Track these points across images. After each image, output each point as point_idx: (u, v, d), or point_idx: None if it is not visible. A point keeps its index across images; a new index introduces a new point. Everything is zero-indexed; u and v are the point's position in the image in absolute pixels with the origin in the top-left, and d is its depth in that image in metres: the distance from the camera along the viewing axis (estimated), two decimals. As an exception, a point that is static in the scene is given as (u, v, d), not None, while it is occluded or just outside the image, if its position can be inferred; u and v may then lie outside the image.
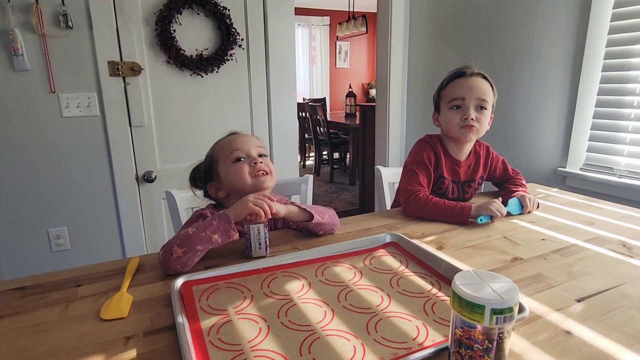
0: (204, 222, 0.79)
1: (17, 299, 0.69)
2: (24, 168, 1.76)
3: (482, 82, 1.14)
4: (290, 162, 2.31)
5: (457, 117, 1.14)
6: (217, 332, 0.58)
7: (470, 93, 1.12)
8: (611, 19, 1.55)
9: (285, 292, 0.70)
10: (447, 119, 1.17)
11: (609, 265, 0.80)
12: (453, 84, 1.16)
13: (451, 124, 1.16)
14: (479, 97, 1.13)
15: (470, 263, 0.82)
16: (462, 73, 1.15)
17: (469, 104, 1.13)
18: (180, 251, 0.75)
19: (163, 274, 0.77)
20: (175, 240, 0.76)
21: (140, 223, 2.00)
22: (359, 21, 5.16)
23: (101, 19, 1.74)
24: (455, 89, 1.15)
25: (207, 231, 0.77)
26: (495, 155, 1.30)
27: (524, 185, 1.25)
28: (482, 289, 0.46)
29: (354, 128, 4.10)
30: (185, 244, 0.75)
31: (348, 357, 0.53)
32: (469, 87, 1.13)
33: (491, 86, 1.15)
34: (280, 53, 2.15)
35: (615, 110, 1.58)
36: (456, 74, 1.16)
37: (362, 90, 6.99)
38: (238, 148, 0.91)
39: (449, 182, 1.22)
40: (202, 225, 0.78)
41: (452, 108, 1.15)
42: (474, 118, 1.12)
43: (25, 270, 1.83)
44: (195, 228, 0.78)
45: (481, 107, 1.14)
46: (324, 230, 0.96)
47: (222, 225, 0.79)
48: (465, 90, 1.13)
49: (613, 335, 0.57)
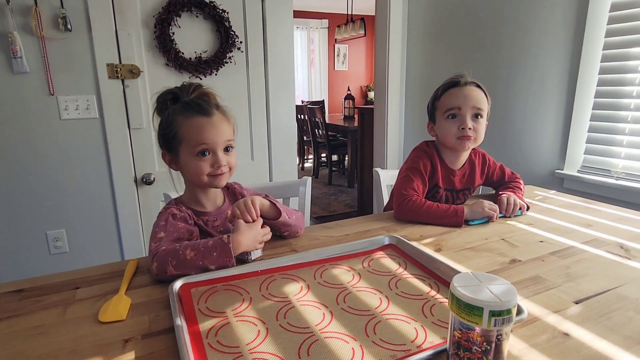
0: (203, 249, 0.76)
1: (15, 302, 0.69)
2: (23, 170, 1.75)
3: (476, 90, 1.14)
4: (289, 164, 2.31)
5: (454, 127, 1.14)
6: (215, 335, 0.58)
7: (466, 102, 1.13)
8: (608, 22, 1.56)
9: (283, 294, 0.70)
10: (444, 129, 1.17)
11: (606, 267, 0.80)
12: (448, 94, 1.16)
13: (448, 134, 1.16)
14: (474, 106, 1.13)
15: (469, 265, 0.82)
16: (457, 82, 1.15)
17: (466, 113, 1.13)
18: (175, 272, 0.74)
19: (161, 276, 0.77)
20: (171, 260, 0.74)
21: (139, 225, 2.00)
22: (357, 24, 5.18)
23: (100, 21, 1.74)
24: (450, 98, 1.15)
25: (204, 261, 0.76)
26: (492, 161, 1.31)
27: (518, 188, 1.25)
28: (480, 291, 0.46)
29: (352, 130, 4.10)
30: (181, 267, 0.74)
31: (347, 359, 0.53)
32: (464, 96, 1.13)
33: (485, 94, 1.16)
34: (279, 56, 2.15)
35: (613, 113, 1.59)
36: (450, 84, 1.17)
37: (361, 92, 7.01)
38: (205, 142, 0.85)
39: (443, 190, 1.23)
40: (201, 253, 0.76)
41: (448, 118, 1.15)
42: (471, 127, 1.13)
43: (23, 272, 1.82)
44: (194, 253, 0.75)
45: (477, 115, 1.14)
46: (289, 231, 0.96)
47: (221, 258, 0.76)
48: (460, 99, 1.13)
49: (611, 337, 0.57)
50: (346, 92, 5.12)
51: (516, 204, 1.14)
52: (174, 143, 0.88)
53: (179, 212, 0.89)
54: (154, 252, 0.76)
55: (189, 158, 0.87)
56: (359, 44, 6.76)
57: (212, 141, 0.86)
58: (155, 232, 0.83)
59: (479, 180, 1.28)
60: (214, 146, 0.86)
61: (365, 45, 6.82)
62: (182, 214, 0.89)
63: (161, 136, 0.90)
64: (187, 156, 0.87)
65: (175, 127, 0.86)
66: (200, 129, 0.85)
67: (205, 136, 0.85)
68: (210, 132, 0.86)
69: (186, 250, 0.76)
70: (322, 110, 4.55)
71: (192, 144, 0.86)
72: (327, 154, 4.70)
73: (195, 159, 0.86)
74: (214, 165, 0.87)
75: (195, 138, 0.85)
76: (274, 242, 0.93)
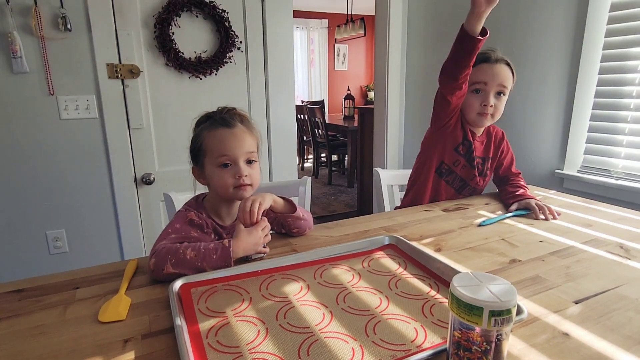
0: (204, 250, 0.77)
1: (14, 302, 0.69)
2: (23, 170, 1.75)
3: (505, 68, 1.17)
4: (289, 164, 2.31)
5: (477, 102, 1.17)
6: (215, 335, 0.58)
7: (493, 79, 1.15)
8: (608, 22, 1.56)
9: (283, 294, 0.70)
10: (466, 102, 1.19)
11: (606, 267, 0.80)
12: (477, 69, 1.16)
13: (470, 108, 1.19)
14: (500, 84, 1.16)
15: (469, 265, 0.82)
16: (488, 58, 1.17)
17: (490, 90, 1.16)
18: (172, 270, 0.74)
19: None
20: (170, 258, 0.75)
21: (139, 225, 2.00)
22: (357, 24, 5.18)
23: (100, 21, 1.74)
24: (478, 73, 1.16)
25: (203, 263, 0.76)
26: (507, 143, 1.33)
27: (525, 187, 1.25)
28: (480, 291, 0.46)
29: (352, 130, 4.10)
30: (179, 266, 0.75)
31: (347, 359, 0.53)
32: (493, 73, 1.15)
33: (512, 72, 1.18)
34: (279, 55, 2.15)
35: (613, 113, 1.59)
36: (481, 59, 1.17)
37: (361, 92, 7.01)
38: (226, 153, 0.87)
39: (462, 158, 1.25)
40: (201, 255, 0.76)
41: (472, 92, 1.17)
42: (492, 105, 1.15)
43: (23, 272, 1.82)
44: (194, 254, 0.76)
45: (501, 93, 1.17)
46: (298, 227, 0.97)
47: (220, 263, 0.77)
48: (489, 76, 1.15)
49: (611, 337, 0.57)
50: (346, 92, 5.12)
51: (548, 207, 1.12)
52: (200, 155, 0.91)
53: (198, 219, 0.88)
54: (155, 249, 0.77)
55: (212, 169, 0.89)
56: (359, 44, 6.76)
57: (233, 152, 0.88)
58: (167, 232, 0.84)
59: (494, 151, 1.30)
60: (236, 157, 0.88)
61: (365, 45, 6.82)
62: (201, 221, 0.89)
63: (190, 151, 0.94)
64: (211, 167, 0.89)
65: (201, 140, 0.90)
66: (222, 139, 0.88)
67: (226, 147, 0.87)
68: (232, 143, 0.88)
69: (187, 250, 0.76)
70: (322, 110, 4.55)
71: (215, 155, 0.88)
72: (327, 154, 4.70)
73: (218, 170, 0.88)
74: (236, 176, 0.88)
75: (218, 149, 0.88)
76: (274, 242, 0.93)
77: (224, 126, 0.89)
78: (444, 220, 1.10)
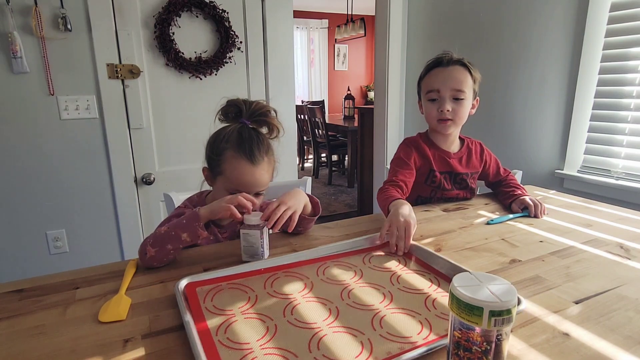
0: (176, 220, 0.81)
1: (14, 302, 0.69)
2: (23, 170, 1.75)
3: (459, 70, 1.12)
4: (289, 164, 2.31)
5: (433, 109, 1.15)
6: (224, 332, 0.59)
7: (445, 85, 1.12)
8: (608, 22, 1.56)
9: (288, 291, 0.71)
10: (426, 111, 1.18)
11: (606, 267, 0.80)
12: (430, 75, 1.16)
13: (429, 116, 1.17)
14: (454, 88, 1.12)
15: (469, 265, 0.82)
16: (440, 62, 1.14)
17: (445, 96, 1.12)
18: (153, 250, 0.77)
19: (162, 276, 0.77)
20: (149, 240, 0.79)
21: (139, 225, 2.00)
22: (357, 24, 5.18)
23: (100, 21, 1.74)
24: (431, 80, 1.15)
25: (176, 229, 0.79)
26: (488, 151, 1.31)
27: (519, 186, 1.25)
28: (480, 291, 0.46)
29: (352, 130, 4.10)
30: (157, 243, 0.78)
31: (356, 352, 0.54)
32: (444, 78, 1.12)
33: (470, 73, 1.14)
34: (279, 56, 2.15)
35: (613, 113, 1.59)
36: (434, 63, 1.16)
37: (361, 92, 7.01)
38: (241, 188, 0.89)
39: (440, 174, 1.22)
40: (173, 224, 0.80)
41: (429, 100, 1.16)
42: (449, 110, 1.12)
43: (23, 272, 1.83)
44: (167, 226, 0.81)
45: (457, 98, 1.13)
46: (305, 228, 0.99)
47: (190, 223, 0.80)
48: (440, 81, 1.12)
49: (611, 337, 0.57)
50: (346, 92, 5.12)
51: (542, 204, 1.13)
52: (216, 170, 0.93)
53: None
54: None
55: (221, 189, 0.92)
56: (359, 44, 6.76)
57: (248, 189, 0.90)
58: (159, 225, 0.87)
59: (478, 166, 1.28)
60: (248, 191, 0.89)
61: (365, 45, 6.82)
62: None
63: (208, 156, 0.95)
64: (222, 187, 0.92)
65: (222, 160, 0.90)
66: (242, 174, 0.89)
67: (243, 182, 0.90)
68: (250, 180, 0.90)
69: (161, 228, 0.81)
70: (322, 110, 4.55)
71: (229, 182, 0.90)
72: (327, 154, 4.70)
73: (227, 193, 0.89)
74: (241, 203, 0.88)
75: (235, 180, 0.90)
76: (275, 242, 0.94)
77: (249, 161, 0.89)
78: (444, 220, 1.10)
